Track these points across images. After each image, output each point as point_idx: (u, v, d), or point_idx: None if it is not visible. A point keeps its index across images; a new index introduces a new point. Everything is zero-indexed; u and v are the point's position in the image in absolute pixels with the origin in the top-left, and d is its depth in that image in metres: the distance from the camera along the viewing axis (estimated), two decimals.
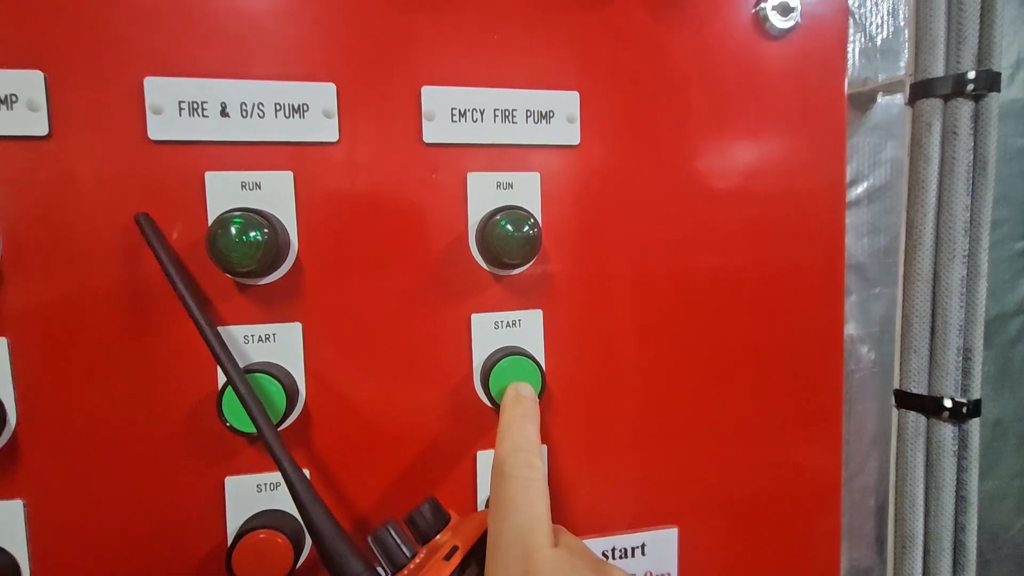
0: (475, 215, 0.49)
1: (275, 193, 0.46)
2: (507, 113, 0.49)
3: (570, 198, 0.51)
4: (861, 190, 0.76)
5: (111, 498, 0.45)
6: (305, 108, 0.46)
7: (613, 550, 0.55)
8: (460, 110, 0.48)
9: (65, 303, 0.44)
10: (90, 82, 0.43)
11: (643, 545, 0.55)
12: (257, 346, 0.47)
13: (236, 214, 0.42)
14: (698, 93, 0.53)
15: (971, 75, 0.60)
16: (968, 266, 0.63)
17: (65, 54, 0.43)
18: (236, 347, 0.46)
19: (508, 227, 0.46)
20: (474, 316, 0.50)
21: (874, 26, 0.74)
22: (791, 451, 0.58)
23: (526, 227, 0.46)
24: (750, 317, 0.56)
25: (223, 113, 0.45)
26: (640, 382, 0.54)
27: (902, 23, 0.75)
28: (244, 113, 0.45)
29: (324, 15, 0.46)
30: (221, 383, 0.45)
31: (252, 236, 0.42)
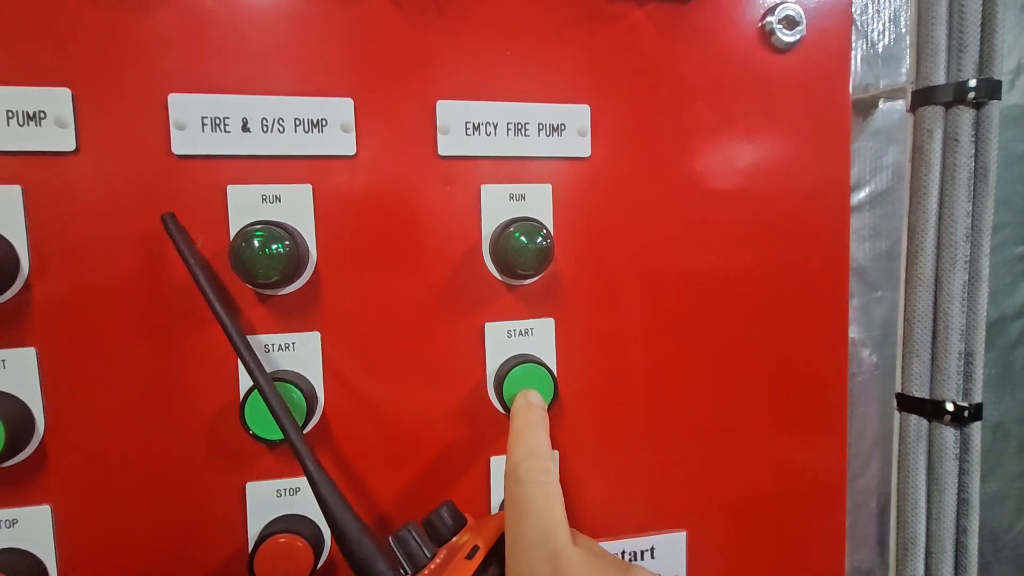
0: (489, 226, 0.50)
1: (295, 206, 0.47)
2: (520, 126, 0.50)
3: (581, 209, 0.52)
4: (863, 195, 0.76)
5: (135, 504, 0.46)
6: (324, 123, 0.47)
7: (623, 553, 0.55)
8: (474, 123, 0.49)
9: (91, 314, 0.45)
10: (116, 99, 0.44)
11: (652, 548, 0.56)
12: (277, 355, 0.48)
13: (258, 227, 0.43)
14: (705, 106, 0.54)
15: (972, 83, 0.61)
16: (969, 271, 0.64)
17: (92, 72, 0.43)
18: (258, 356, 0.47)
19: (521, 238, 0.47)
20: (488, 325, 0.51)
21: (876, 33, 0.74)
22: (796, 453, 0.59)
23: (539, 238, 0.47)
24: (757, 322, 0.57)
25: (244, 128, 0.46)
26: (649, 388, 0.55)
27: (903, 30, 0.74)
28: (265, 128, 0.46)
29: (342, 32, 0.47)
30: (243, 391, 0.46)
31: (274, 248, 0.43)
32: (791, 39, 0.54)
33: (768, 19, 0.54)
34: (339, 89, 0.47)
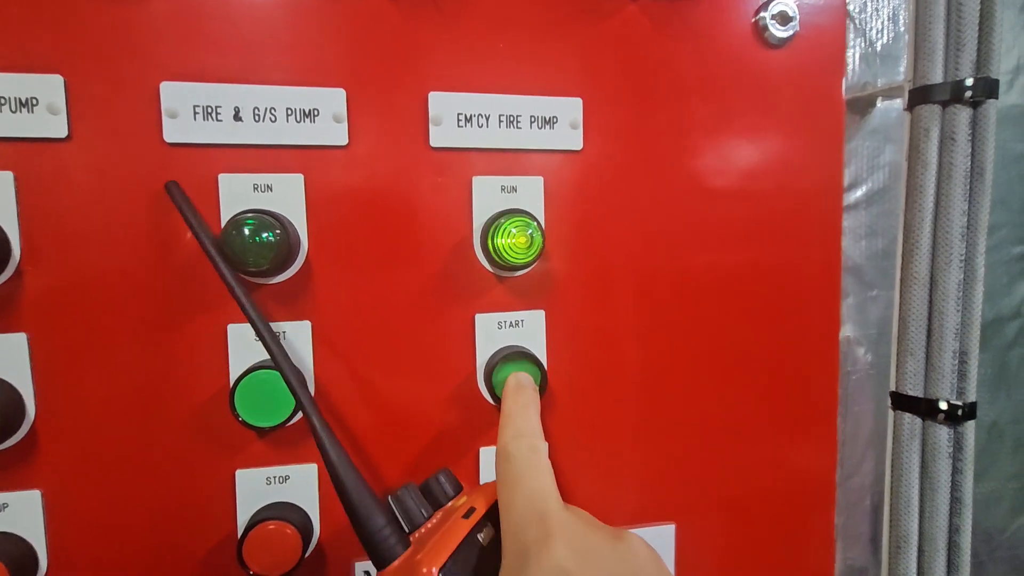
0: (480, 218, 0.50)
1: (286, 195, 0.47)
2: (512, 119, 0.50)
3: (572, 202, 0.52)
4: (859, 193, 0.75)
5: (126, 489, 0.47)
6: (316, 113, 0.47)
7: None
8: (466, 115, 0.50)
9: (82, 300, 0.45)
10: (108, 86, 0.44)
11: None
12: None
13: (249, 215, 0.43)
14: (698, 100, 0.54)
15: (969, 82, 0.61)
16: (965, 270, 0.64)
17: (84, 59, 0.44)
18: (248, 344, 0.47)
19: (510, 231, 0.47)
20: (478, 316, 0.51)
21: (874, 31, 0.74)
22: (787, 449, 0.59)
23: (529, 230, 0.47)
24: (748, 319, 0.57)
25: (236, 117, 0.46)
26: (639, 382, 0.55)
27: (902, 29, 0.74)
28: (257, 117, 0.46)
29: (335, 22, 0.47)
30: (234, 377, 0.46)
31: (265, 237, 0.43)
32: (784, 35, 0.54)
33: (761, 14, 0.54)
34: (332, 79, 0.47)
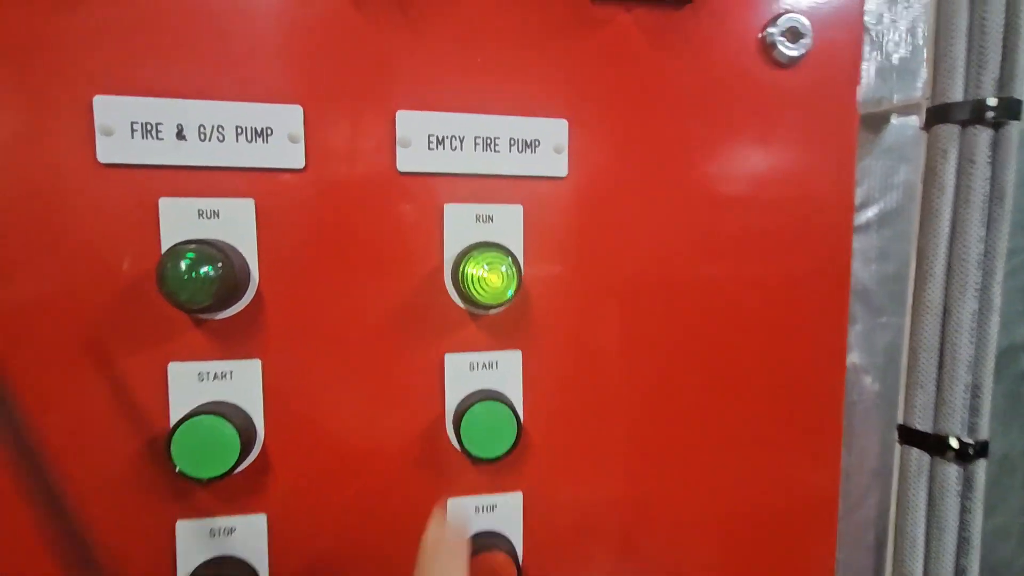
0: (452, 249, 0.47)
1: (235, 222, 0.44)
2: (489, 141, 0.47)
3: (555, 233, 0.49)
4: (871, 214, 0.74)
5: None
6: (269, 132, 0.44)
7: None
8: (438, 137, 0.47)
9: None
10: (35, 101, 0.41)
11: None
12: (213, 384, 0.45)
13: (190, 247, 0.40)
14: (697, 124, 0.51)
15: (991, 102, 0.58)
16: (980, 300, 0.62)
17: (5, 70, 0.40)
18: (191, 385, 0.44)
19: (483, 267, 0.44)
20: (448, 356, 0.48)
21: (891, 44, 0.72)
22: (788, 483, 0.57)
23: (503, 267, 0.44)
24: (747, 367, 0.54)
25: (179, 136, 0.43)
26: (626, 432, 0.52)
27: (921, 42, 0.72)
28: (202, 136, 0.43)
29: (291, 31, 0.44)
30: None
31: (204, 272, 0.40)
32: (794, 53, 0.50)
33: (770, 30, 0.50)
34: (287, 95, 0.45)
